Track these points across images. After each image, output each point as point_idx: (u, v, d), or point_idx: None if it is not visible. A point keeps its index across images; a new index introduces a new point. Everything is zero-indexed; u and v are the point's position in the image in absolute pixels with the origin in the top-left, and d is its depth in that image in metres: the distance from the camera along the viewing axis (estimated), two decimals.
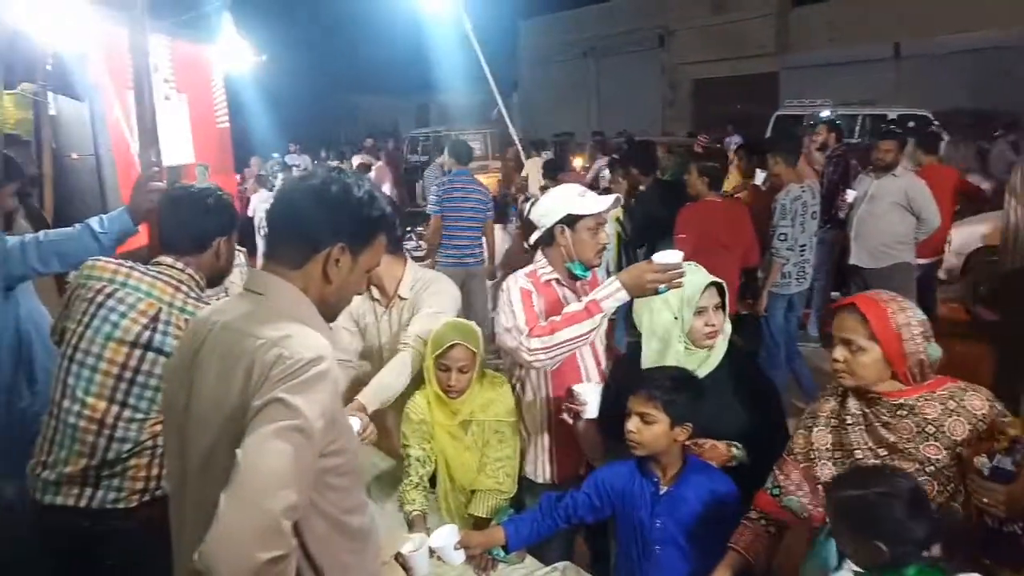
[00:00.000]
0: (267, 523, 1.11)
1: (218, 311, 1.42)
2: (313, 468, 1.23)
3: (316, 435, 1.21)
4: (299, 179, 1.44)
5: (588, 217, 2.38)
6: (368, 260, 1.45)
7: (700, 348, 2.22)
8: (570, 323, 2.19)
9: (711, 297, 2.21)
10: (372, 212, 1.41)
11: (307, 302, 1.39)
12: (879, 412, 1.77)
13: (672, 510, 2.02)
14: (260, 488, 1.13)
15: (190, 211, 2.05)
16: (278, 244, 1.41)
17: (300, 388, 1.21)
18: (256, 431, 1.17)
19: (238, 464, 1.15)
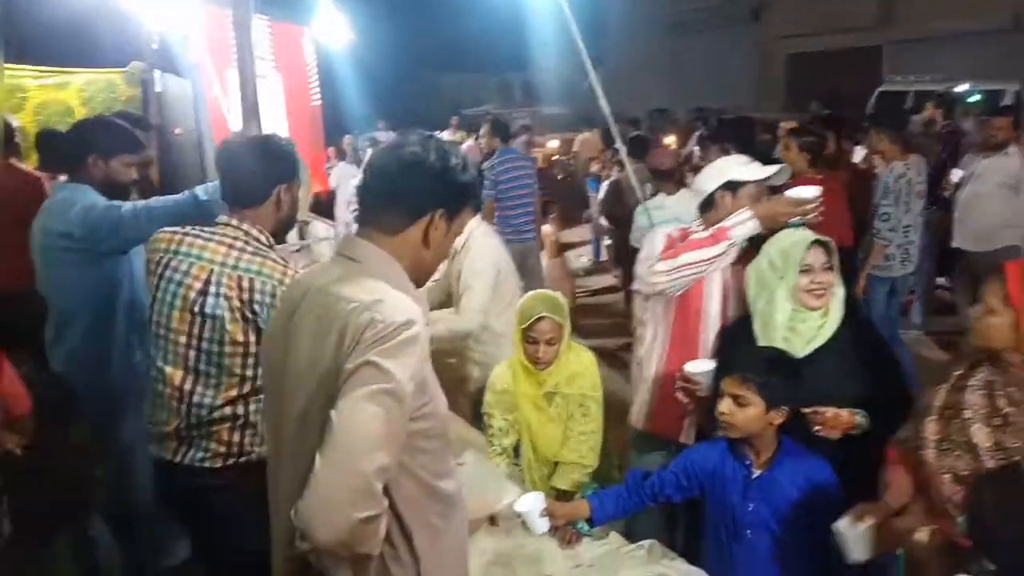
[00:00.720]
0: (360, 484, 1.14)
1: (313, 275, 1.46)
2: (404, 431, 1.25)
3: (407, 398, 1.23)
4: (394, 147, 1.44)
5: (750, 184, 2.42)
6: (458, 226, 1.47)
7: (810, 309, 2.15)
8: (694, 247, 2.26)
9: (817, 256, 2.15)
10: (466, 179, 1.44)
11: (399, 268, 1.41)
12: (1006, 381, 1.67)
13: (765, 494, 1.96)
14: (353, 450, 1.16)
15: (247, 159, 2.00)
16: (375, 211, 1.43)
17: (391, 352, 1.23)
18: (349, 394, 1.20)
19: (332, 426, 1.18)
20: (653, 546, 2.20)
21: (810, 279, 2.15)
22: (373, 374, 1.21)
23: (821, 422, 2.00)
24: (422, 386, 1.31)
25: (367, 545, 1.19)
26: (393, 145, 1.46)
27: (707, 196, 2.48)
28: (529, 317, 2.41)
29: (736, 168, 2.47)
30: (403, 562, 1.35)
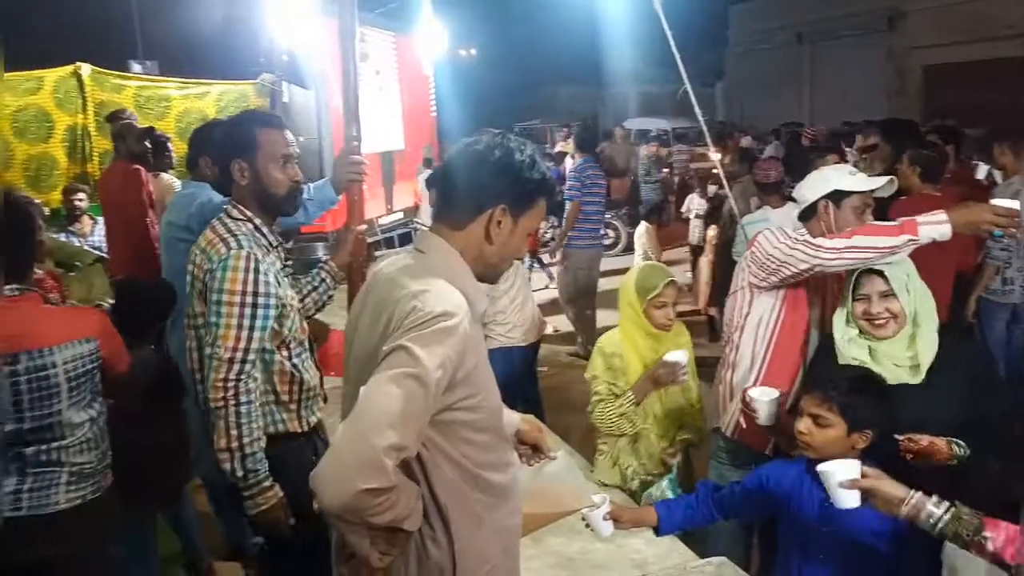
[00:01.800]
0: (370, 456, 1.20)
1: (389, 264, 1.54)
2: (426, 415, 1.29)
3: (431, 384, 1.27)
4: (466, 144, 1.50)
5: (855, 195, 2.34)
6: (528, 223, 1.49)
7: (876, 337, 2.07)
8: (872, 232, 2.14)
9: (873, 283, 2.07)
10: (533, 175, 1.45)
11: (461, 261, 1.46)
12: None
13: (843, 519, 1.87)
14: (369, 424, 1.22)
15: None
16: (444, 206, 1.50)
17: (425, 339, 1.28)
18: (379, 373, 1.27)
19: (358, 401, 1.26)
20: (723, 564, 2.15)
21: (864, 308, 2.08)
22: (403, 358, 1.27)
23: (913, 450, 1.89)
24: (467, 379, 1.36)
25: (377, 516, 1.24)
26: (467, 143, 1.51)
27: (809, 205, 2.41)
28: (655, 286, 2.60)
29: (841, 177, 2.38)
30: (439, 543, 1.41)
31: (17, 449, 1.98)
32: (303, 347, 2.20)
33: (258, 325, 1.97)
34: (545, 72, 23.58)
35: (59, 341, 1.99)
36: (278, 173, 2.08)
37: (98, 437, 2.14)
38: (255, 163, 2.06)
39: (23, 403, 1.95)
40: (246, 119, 2.20)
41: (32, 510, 1.99)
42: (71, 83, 6.18)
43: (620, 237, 9.92)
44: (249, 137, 2.07)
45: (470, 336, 1.36)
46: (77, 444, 2.06)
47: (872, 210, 2.41)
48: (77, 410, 2.05)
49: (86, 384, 2.08)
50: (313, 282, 2.49)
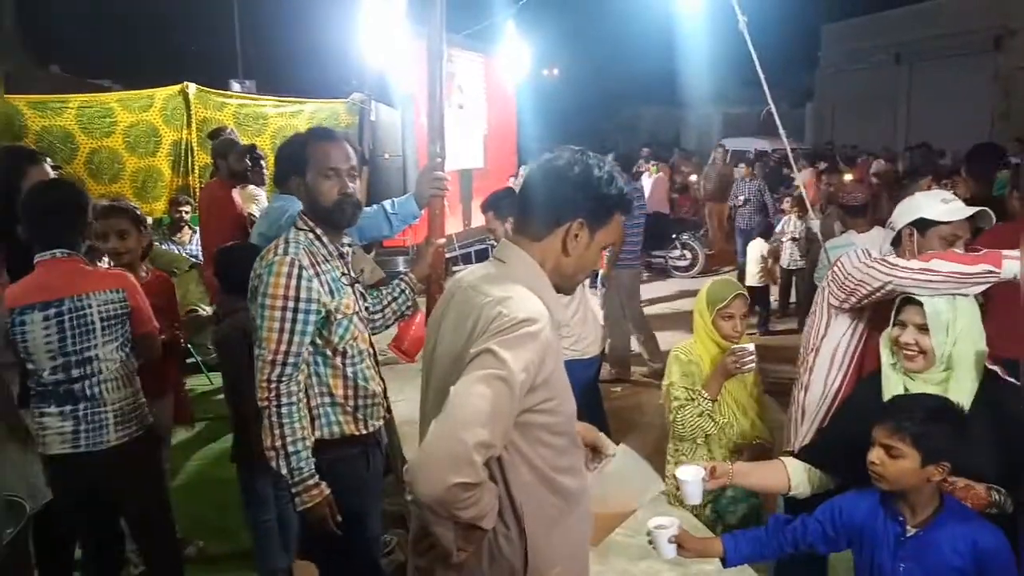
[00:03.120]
0: (460, 451, 1.25)
1: (470, 273, 1.61)
2: (511, 415, 1.34)
3: (517, 386, 1.32)
4: (547, 160, 1.56)
5: (942, 225, 2.25)
6: (605, 237, 1.54)
7: (907, 369, 2.01)
8: (952, 258, 2.08)
9: (911, 314, 2.01)
10: (611, 191, 1.50)
11: (540, 272, 1.51)
12: None
13: (920, 556, 1.79)
14: (460, 421, 1.28)
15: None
16: (525, 218, 1.55)
17: (510, 343, 1.34)
18: (468, 374, 1.33)
19: (449, 399, 1.32)
20: None
21: (898, 334, 2.02)
22: (490, 360, 1.33)
23: (951, 492, 1.81)
24: (546, 383, 1.41)
25: (463, 510, 1.29)
26: (548, 159, 1.57)
27: (896, 232, 2.34)
28: (725, 298, 2.68)
29: (931, 205, 2.30)
30: (512, 540, 1.46)
31: (66, 386, 2.46)
32: (364, 356, 2.25)
33: (298, 329, 2.06)
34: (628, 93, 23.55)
35: (94, 289, 2.49)
36: (324, 185, 2.17)
37: (129, 376, 2.59)
38: (306, 176, 2.19)
39: (67, 339, 2.44)
40: (306, 136, 2.38)
41: (88, 447, 2.48)
42: (178, 101, 6.60)
43: (697, 258, 9.75)
44: (302, 153, 2.23)
45: (550, 342, 1.41)
46: (112, 379, 2.52)
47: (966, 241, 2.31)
48: (111, 348, 2.52)
49: (117, 327, 2.54)
50: (393, 293, 2.57)
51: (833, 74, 22.55)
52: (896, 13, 20.50)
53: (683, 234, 9.75)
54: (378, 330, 2.57)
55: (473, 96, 8.28)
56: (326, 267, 2.16)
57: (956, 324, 1.99)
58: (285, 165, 3.08)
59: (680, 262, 9.74)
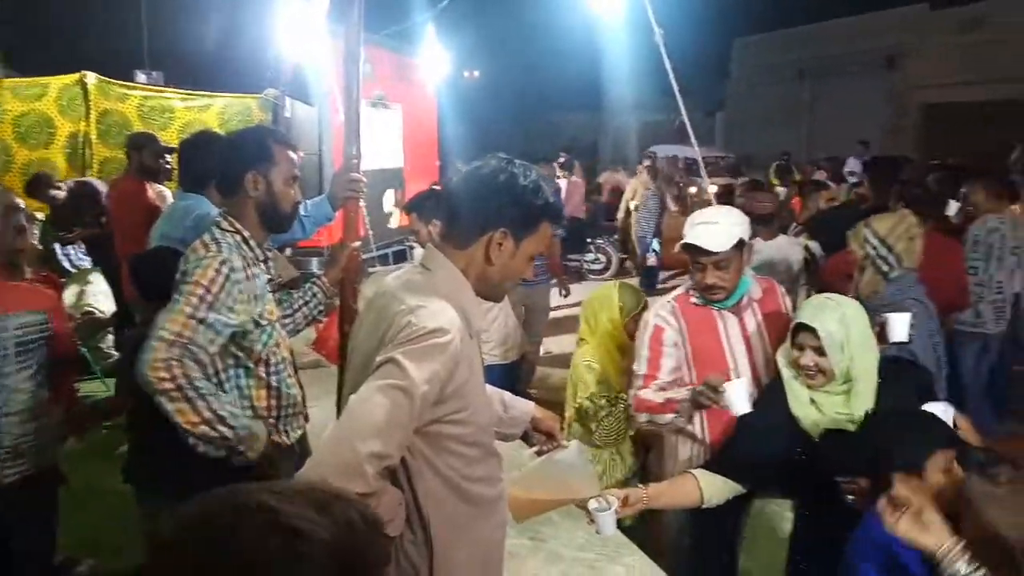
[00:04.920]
0: (350, 461, 1.24)
1: (394, 278, 1.58)
2: (410, 426, 1.33)
3: (417, 397, 1.31)
4: (473, 168, 1.55)
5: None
6: (532, 246, 1.53)
7: (813, 387, 2.10)
8: (649, 404, 2.38)
9: (806, 338, 2.08)
10: (536, 200, 1.50)
11: (463, 280, 1.50)
12: None
13: None
14: (355, 431, 1.27)
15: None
16: (450, 226, 1.54)
17: (416, 353, 1.33)
18: (370, 383, 1.32)
19: (347, 406, 1.31)
20: None
21: (797, 357, 2.11)
22: (393, 370, 1.31)
23: (855, 491, 1.90)
24: (458, 393, 1.40)
25: None
26: (474, 167, 1.56)
27: None
28: (638, 304, 2.92)
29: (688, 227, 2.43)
30: (418, 546, 1.46)
31: None
32: (285, 363, 2.18)
33: (208, 322, 1.92)
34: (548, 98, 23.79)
35: (12, 310, 2.25)
36: (288, 192, 2.12)
37: (37, 409, 2.31)
38: (270, 176, 2.09)
39: None
40: (265, 133, 2.25)
41: None
42: (75, 91, 6.23)
43: (611, 262, 10.04)
44: (268, 151, 2.10)
45: (463, 353, 1.40)
46: (17, 412, 2.27)
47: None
48: (22, 378, 2.28)
49: (33, 354, 2.29)
50: (305, 296, 2.50)
51: (743, 86, 23.49)
52: (800, 31, 21.56)
53: (598, 238, 10.02)
54: (289, 335, 2.49)
55: (391, 97, 8.17)
56: (254, 271, 2.08)
57: (850, 341, 2.06)
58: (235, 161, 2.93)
59: (595, 265, 10.07)
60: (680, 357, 2.43)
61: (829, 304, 2.11)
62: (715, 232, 2.28)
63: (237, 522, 0.68)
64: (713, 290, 2.34)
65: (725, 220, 2.35)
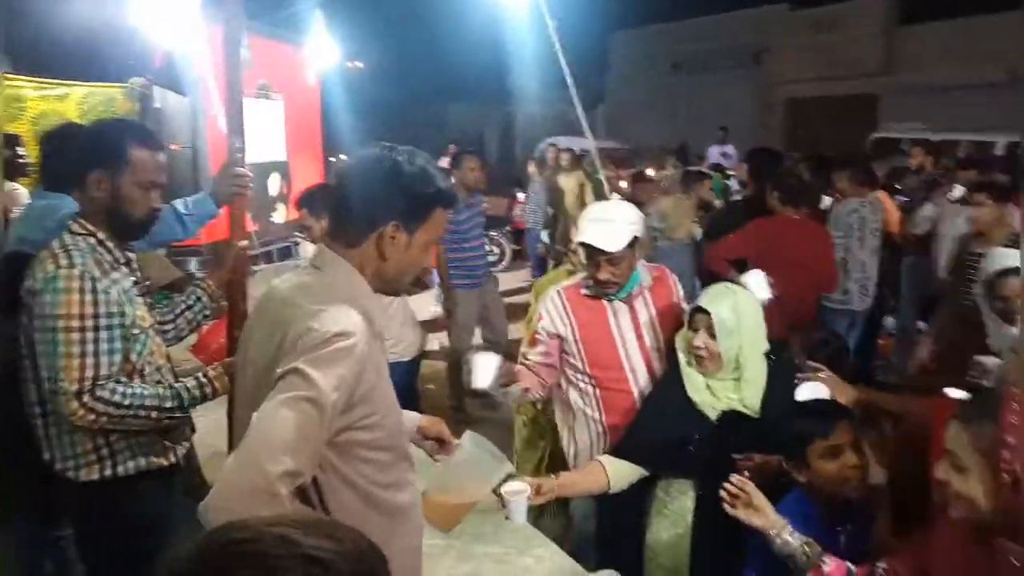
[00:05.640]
0: (261, 483, 1.15)
1: (284, 281, 1.49)
2: (321, 438, 1.25)
3: (327, 407, 1.24)
4: (354, 160, 1.47)
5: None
6: (426, 235, 1.46)
7: (704, 372, 2.21)
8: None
9: (700, 320, 2.19)
10: (425, 188, 1.42)
11: (359, 279, 1.42)
12: None
13: None
14: (262, 450, 1.18)
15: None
16: (338, 223, 1.45)
17: (320, 361, 1.25)
18: (273, 397, 1.23)
19: (250, 427, 1.21)
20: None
21: (691, 339, 2.21)
22: (298, 380, 1.23)
23: (749, 467, 2.04)
24: (366, 398, 1.32)
25: None
26: (354, 158, 1.48)
27: None
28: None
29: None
30: None
31: None
32: (163, 372, 2.04)
33: (104, 349, 1.80)
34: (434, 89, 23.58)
35: None
36: (140, 196, 1.92)
37: None
38: (118, 179, 1.90)
39: None
40: (123, 129, 2.03)
41: None
42: None
43: (505, 253, 10.13)
44: (119, 150, 1.91)
45: (368, 355, 1.32)
46: None
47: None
48: None
49: None
50: (187, 300, 2.34)
51: (622, 79, 24.21)
52: (674, 26, 22.45)
53: (491, 230, 10.05)
54: (170, 342, 2.33)
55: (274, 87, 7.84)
56: (116, 275, 1.90)
57: (741, 330, 2.16)
58: (80, 157, 2.69)
59: (488, 257, 10.03)
60: (557, 347, 2.50)
61: (725, 292, 2.23)
62: (610, 231, 2.33)
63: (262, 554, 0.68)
64: (607, 285, 2.41)
65: (620, 218, 2.40)
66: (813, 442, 1.90)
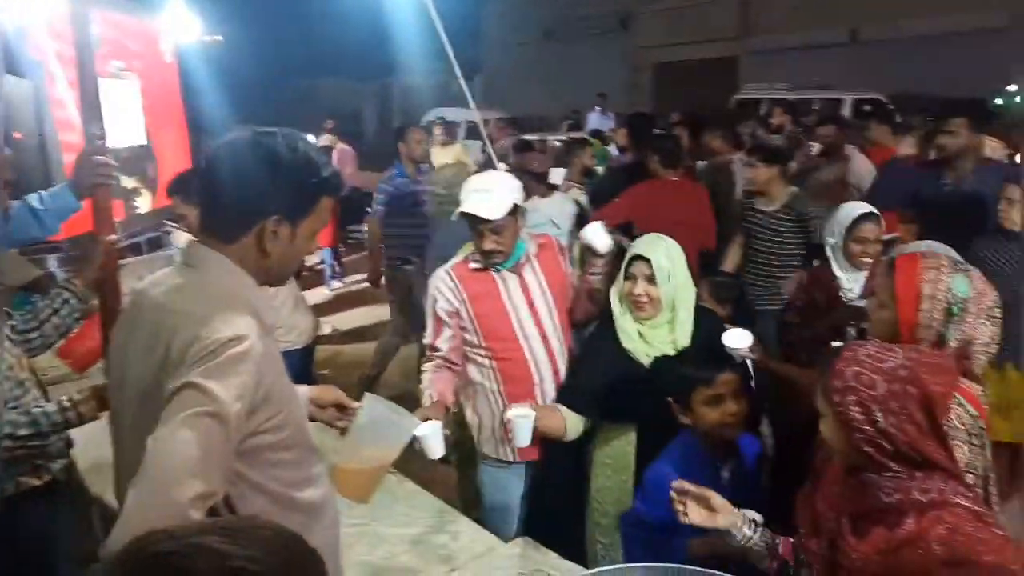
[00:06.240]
0: (172, 512, 1.06)
1: (154, 284, 1.35)
2: (229, 453, 1.17)
3: (231, 419, 1.15)
4: (225, 146, 1.31)
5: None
6: (312, 225, 1.35)
7: (639, 318, 2.34)
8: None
9: (640, 268, 2.33)
10: (310, 178, 1.31)
11: (240, 274, 1.31)
12: None
13: None
14: (167, 479, 1.08)
15: None
16: (210, 218, 1.33)
17: (216, 371, 1.15)
18: (168, 418, 1.12)
19: (147, 454, 1.10)
20: (527, 544, 2.23)
21: (630, 288, 2.34)
22: (194, 396, 1.13)
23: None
24: (267, 399, 1.24)
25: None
26: (225, 144, 1.32)
27: None
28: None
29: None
30: None
31: None
32: (26, 387, 1.91)
33: None
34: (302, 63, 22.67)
35: None
36: None
37: None
38: None
39: None
40: None
41: None
42: None
43: None
44: None
45: (264, 355, 1.24)
46: None
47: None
48: None
49: None
50: (53, 304, 2.17)
51: (497, 48, 24.17)
52: None
53: None
54: (36, 351, 2.16)
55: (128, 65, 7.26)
56: None
57: (675, 273, 2.32)
58: None
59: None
60: (457, 325, 2.53)
61: (659, 240, 2.38)
62: (490, 200, 2.37)
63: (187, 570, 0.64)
64: (493, 255, 2.45)
65: (499, 187, 2.44)
66: (697, 389, 2.03)
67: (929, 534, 1.27)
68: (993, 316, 1.65)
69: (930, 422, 1.33)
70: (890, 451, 1.33)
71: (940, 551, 1.25)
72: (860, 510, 1.40)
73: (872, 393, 1.33)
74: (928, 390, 1.32)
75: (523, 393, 2.51)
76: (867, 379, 1.35)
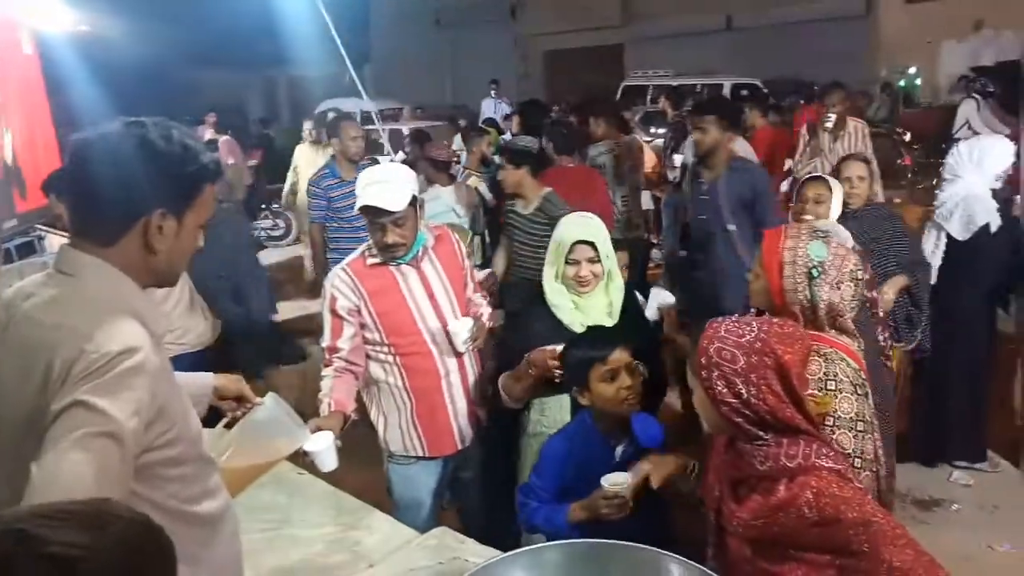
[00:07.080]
0: None
1: (24, 295, 1.23)
2: (127, 473, 1.11)
3: (127, 437, 1.09)
4: (94, 140, 1.22)
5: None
6: (197, 216, 1.30)
7: (580, 293, 2.43)
8: None
9: (583, 252, 2.39)
10: (189, 165, 1.25)
11: (123, 279, 1.24)
12: None
13: None
14: None
15: None
16: (84, 220, 1.24)
17: (105, 387, 1.09)
18: (54, 443, 1.05)
19: (32, 483, 1.03)
20: (445, 533, 2.24)
21: (576, 271, 2.40)
22: (83, 415, 1.06)
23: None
24: (161, 414, 1.18)
25: None
26: (90, 137, 1.22)
27: None
28: None
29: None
30: None
31: None
32: None
33: None
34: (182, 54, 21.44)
35: None
36: None
37: None
38: None
39: None
40: None
41: None
42: None
43: (291, 227, 9.74)
44: None
45: (157, 367, 1.18)
46: None
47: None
48: None
49: None
50: None
51: (386, 37, 23.72)
52: None
53: (273, 204, 9.62)
54: None
55: None
56: None
57: (606, 243, 2.42)
58: None
59: (274, 232, 9.73)
60: (358, 323, 2.48)
61: (588, 220, 2.47)
62: (391, 191, 2.34)
63: (3, 554, 0.61)
64: (395, 248, 2.42)
65: (396, 178, 2.42)
66: (593, 366, 2.10)
67: (799, 499, 1.39)
68: (856, 279, 1.83)
69: (786, 389, 1.43)
70: (755, 420, 1.44)
71: (810, 514, 1.38)
72: (738, 478, 1.53)
73: (734, 367, 1.43)
74: (782, 359, 1.43)
75: (429, 386, 2.52)
76: (728, 354, 1.44)
